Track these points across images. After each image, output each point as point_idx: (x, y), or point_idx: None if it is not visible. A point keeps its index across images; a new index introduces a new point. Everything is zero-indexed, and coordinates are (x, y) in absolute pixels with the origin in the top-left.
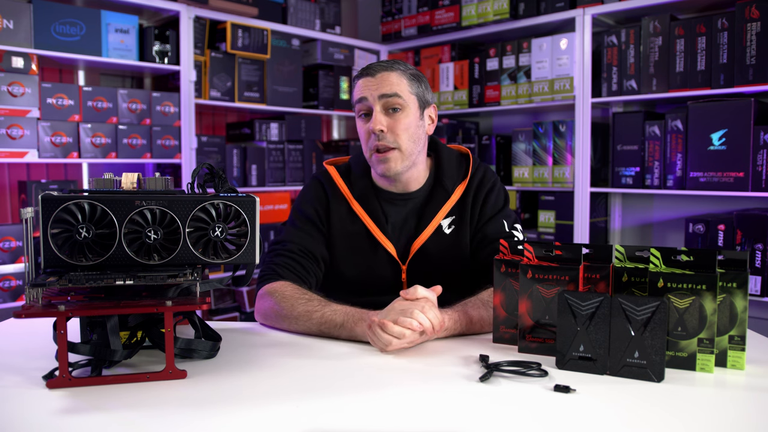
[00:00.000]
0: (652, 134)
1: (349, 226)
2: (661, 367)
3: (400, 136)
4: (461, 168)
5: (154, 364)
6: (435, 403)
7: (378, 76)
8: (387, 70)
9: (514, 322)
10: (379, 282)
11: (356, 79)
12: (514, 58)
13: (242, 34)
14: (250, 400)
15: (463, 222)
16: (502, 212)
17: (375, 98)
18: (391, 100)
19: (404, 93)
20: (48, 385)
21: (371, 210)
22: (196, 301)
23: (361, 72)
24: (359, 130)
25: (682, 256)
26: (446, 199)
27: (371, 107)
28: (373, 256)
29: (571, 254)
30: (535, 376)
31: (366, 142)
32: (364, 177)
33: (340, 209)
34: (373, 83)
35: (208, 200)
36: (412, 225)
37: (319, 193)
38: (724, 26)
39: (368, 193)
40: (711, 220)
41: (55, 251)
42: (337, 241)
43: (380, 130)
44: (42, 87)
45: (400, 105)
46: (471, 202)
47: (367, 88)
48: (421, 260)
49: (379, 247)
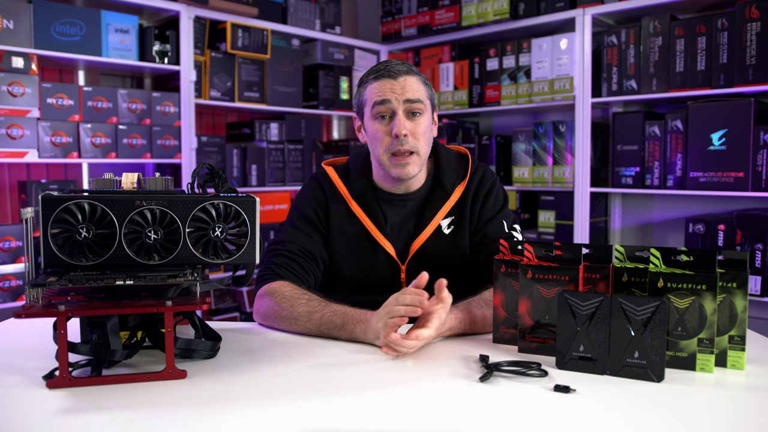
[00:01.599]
0: (652, 134)
1: (347, 226)
2: (661, 367)
3: (419, 140)
4: (460, 168)
5: (154, 364)
6: (435, 403)
7: (400, 79)
8: (408, 74)
9: (514, 322)
10: (378, 282)
11: (372, 80)
12: (514, 58)
13: (242, 34)
14: (250, 400)
15: (462, 222)
16: (501, 212)
17: (400, 102)
18: (414, 105)
19: (423, 98)
20: (48, 385)
21: (370, 211)
22: (196, 301)
23: (379, 73)
24: (374, 131)
25: (682, 256)
26: (445, 199)
27: (394, 110)
28: (372, 257)
29: (571, 254)
30: (535, 376)
31: (382, 144)
32: (363, 178)
33: (339, 210)
34: (397, 87)
35: (208, 200)
36: (412, 225)
37: (317, 194)
38: (724, 26)
39: (367, 194)
40: (711, 220)
41: (55, 251)
42: (336, 241)
43: (404, 134)
44: (42, 87)
45: (420, 110)
46: (470, 202)
47: (391, 91)
48: (420, 260)
49: (378, 248)
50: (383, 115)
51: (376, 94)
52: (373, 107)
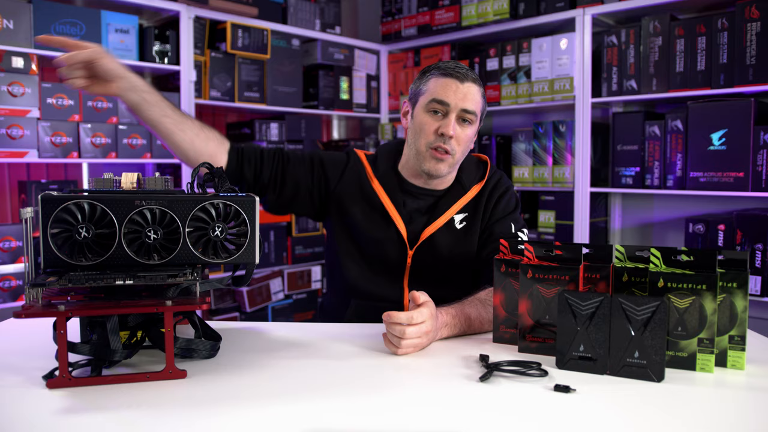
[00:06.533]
0: (652, 134)
1: (367, 193)
2: (661, 366)
3: (460, 147)
4: (479, 171)
5: (154, 364)
6: (435, 403)
7: (466, 84)
8: (474, 83)
9: (514, 321)
10: (383, 260)
11: (439, 74)
12: (514, 58)
13: (242, 34)
14: (250, 400)
15: (474, 221)
16: (511, 215)
17: (457, 107)
18: (468, 115)
19: (478, 111)
20: (48, 385)
21: (390, 192)
22: (196, 301)
23: (447, 70)
24: (422, 123)
25: (682, 256)
26: (462, 194)
27: (448, 111)
28: (385, 229)
29: (571, 254)
30: (535, 376)
31: (426, 137)
32: (390, 165)
33: (361, 179)
34: (460, 91)
35: (208, 200)
36: (426, 215)
37: (339, 158)
38: (724, 26)
39: (390, 179)
40: (711, 220)
41: (54, 251)
42: (348, 201)
43: (451, 136)
44: (42, 87)
45: (472, 121)
46: (484, 202)
47: (454, 93)
48: (428, 249)
49: (391, 224)
50: (437, 111)
51: (439, 90)
52: (431, 102)
